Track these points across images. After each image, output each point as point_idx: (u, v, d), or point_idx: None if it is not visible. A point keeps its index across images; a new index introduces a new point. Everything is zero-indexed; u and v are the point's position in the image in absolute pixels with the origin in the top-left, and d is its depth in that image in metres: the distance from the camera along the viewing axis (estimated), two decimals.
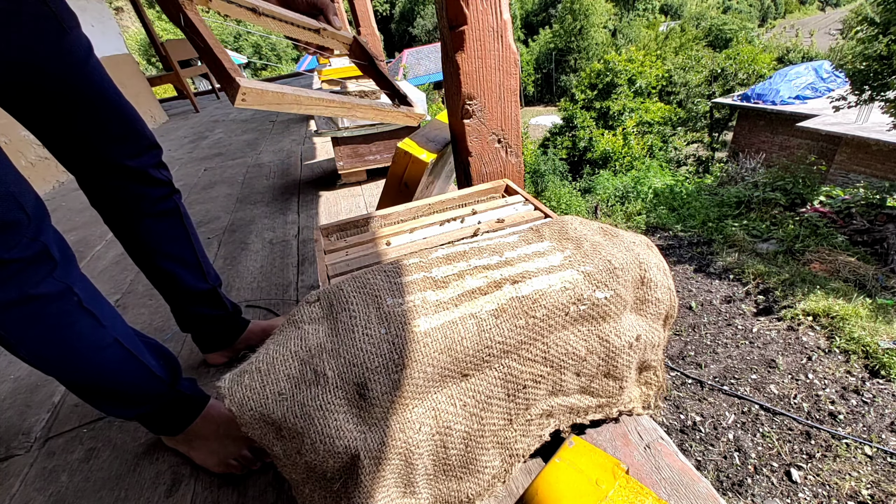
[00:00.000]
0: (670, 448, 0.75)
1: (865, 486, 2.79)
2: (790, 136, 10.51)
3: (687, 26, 19.62)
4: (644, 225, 7.66)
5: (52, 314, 0.64)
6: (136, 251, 0.94)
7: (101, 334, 0.69)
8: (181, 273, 0.98)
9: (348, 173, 2.15)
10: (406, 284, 0.61)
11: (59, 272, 0.64)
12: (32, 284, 0.61)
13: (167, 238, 0.95)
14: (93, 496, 0.87)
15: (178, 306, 1.03)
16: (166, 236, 0.94)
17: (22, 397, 1.15)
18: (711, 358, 4.09)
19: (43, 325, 0.63)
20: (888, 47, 6.41)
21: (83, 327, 0.67)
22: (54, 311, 0.64)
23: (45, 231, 0.63)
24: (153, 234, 0.92)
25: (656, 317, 0.71)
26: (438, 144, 1.10)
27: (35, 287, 0.61)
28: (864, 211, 5.91)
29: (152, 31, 5.01)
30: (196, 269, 1.00)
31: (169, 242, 0.95)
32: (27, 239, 0.60)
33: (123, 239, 0.93)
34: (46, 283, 0.62)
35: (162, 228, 0.93)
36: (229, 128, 3.97)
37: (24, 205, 0.60)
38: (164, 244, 0.94)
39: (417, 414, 0.56)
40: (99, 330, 0.69)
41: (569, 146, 13.44)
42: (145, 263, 0.96)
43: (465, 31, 0.91)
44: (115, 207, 0.88)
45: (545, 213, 0.88)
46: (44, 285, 0.62)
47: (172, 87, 4.90)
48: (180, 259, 0.97)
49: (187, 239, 0.98)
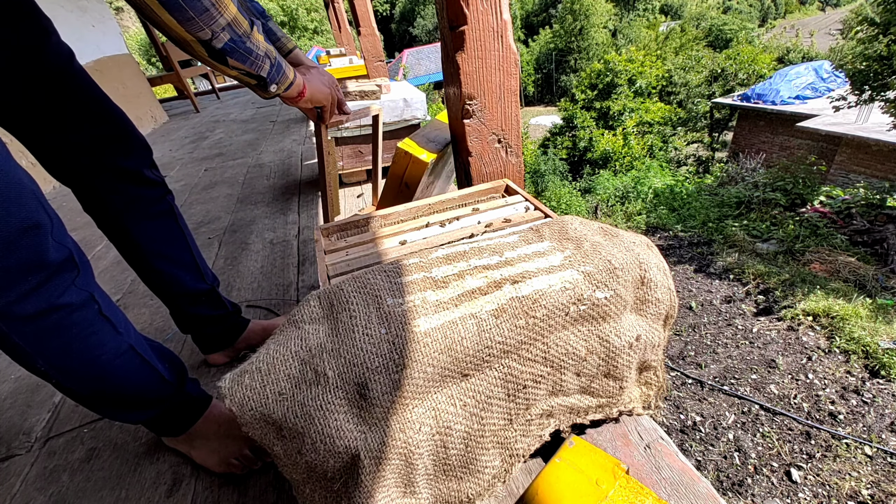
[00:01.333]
0: (670, 448, 0.75)
1: (865, 486, 2.79)
2: (790, 137, 10.50)
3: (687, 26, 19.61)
4: (644, 225, 7.66)
5: (76, 324, 0.61)
6: (132, 254, 0.93)
7: (118, 342, 0.68)
8: (179, 274, 0.97)
9: (348, 173, 2.15)
10: (406, 284, 0.61)
11: (80, 279, 0.62)
12: (58, 294, 0.58)
13: (163, 239, 0.94)
14: (93, 496, 0.87)
15: (176, 308, 1.03)
16: (162, 238, 0.94)
17: (23, 397, 1.15)
18: (711, 358, 4.09)
19: (66, 335, 0.60)
20: (888, 47, 6.41)
21: (103, 336, 0.65)
22: (78, 321, 0.61)
23: (66, 236, 0.61)
24: (149, 236, 0.91)
25: (656, 317, 0.71)
26: (438, 144, 1.10)
27: (60, 297, 0.58)
28: (864, 211, 5.91)
29: (152, 31, 5.01)
30: (193, 269, 1.00)
31: (165, 244, 0.94)
32: (55, 242, 0.57)
33: (119, 242, 0.92)
34: (70, 292, 0.60)
35: (158, 230, 0.93)
36: (230, 128, 3.97)
37: (44, 205, 0.57)
38: (161, 246, 0.94)
39: (418, 414, 0.56)
40: (116, 337, 0.68)
41: (569, 146, 13.44)
42: (142, 266, 0.95)
43: (465, 32, 0.91)
44: (111, 211, 0.87)
45: (545, 213, 0.88)
46: (68, 294, 0.59)
47: (173, 88, 4.90)
48: (177, 260, 0.96)
49: (183, 240, 0.98)
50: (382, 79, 2.53)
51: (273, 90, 0.74)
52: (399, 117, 2.03)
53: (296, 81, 0.78)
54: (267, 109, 4.57)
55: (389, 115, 2.01)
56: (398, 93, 2.10)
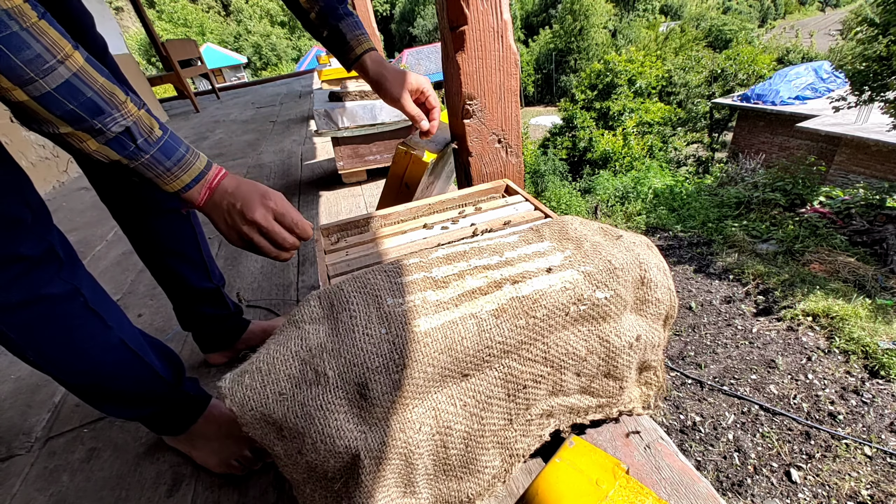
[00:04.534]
0: (670, 448, 0.75)
1: (865, 486, 2.79)
2: (790, 137, 10.51)
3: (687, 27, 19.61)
4: (644, 225, 7.67)
5: (60, 315, 0.63)
6: (144, 248, 0.95)
7: (107, 336, 0.69)
8: (186, 272, 0.98)
9: (348, 173, 2.15)
10: (406, 284, 0.61)
11: (65, 272, 0.63)
12: (40, 285, 0.60)
13: (175, 236, 0.95)
14: (94, 496, 0.87)
15: (181, 305, 1.04)
16: (174, 234, 0.95)
17: (23, 397, 1.15)
18: (711, 358, 4.09)
19: (50, 326, 0.62)
20: (888, 48, 6.41)
21: (90, 329, 0.67)
22: (61, 313, 0.63)
23: (51, 230, 0.63)
24: (161, 232, 0.93)
25: (656, 317, 0.71)
26: (439, 144, 1.10)
27: (42, 288, 0.60)
28: (864, 211, 5.91)
29: (152, 31, 5.00)
30: (201, 268, 1.01)
31: (176, 240, 0.95)
32: (34, 237, 0.59)
33: (132, 235, 0.93)
34: (53, 284, 0.61)
35: (170, 226, 0.94)
36: (230, 128, 3.97)
37: (29, 201, 0.59)
38: (172, 242, 0.95)
39: (418, 414, 0.56)
40: (105, 331, 0.68)
41: (569, 146, 13.44)
42: (151, 260, 0.96)
43: (465, 32, 0.92)
44: (127, 203, 0.88)
45: (545, 213, 0.88)
46: (51, 286, 0.61)
47: (173, 87, 4.89)
48: (186, 258, 0.97)
49: (194, 238, 0.99)
50: None
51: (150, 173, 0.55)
52: (399, 117, 2.03)
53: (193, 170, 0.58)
54: (267, 110, 4.57)
55: (389, 115, 2.01)
56: None
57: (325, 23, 0.80)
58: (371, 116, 1.98)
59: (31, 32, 0.44)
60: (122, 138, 0.52)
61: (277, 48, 29.97)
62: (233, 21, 32.27)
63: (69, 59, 0.47)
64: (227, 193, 0.62)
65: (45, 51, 0.45)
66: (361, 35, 0.81)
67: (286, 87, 6.04)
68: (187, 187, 0.59)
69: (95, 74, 0.49)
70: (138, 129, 0.53)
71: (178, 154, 0.57)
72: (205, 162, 0.61)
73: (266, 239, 0.64)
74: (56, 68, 0.46)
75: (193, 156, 0.59)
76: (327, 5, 0.78)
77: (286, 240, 0.65)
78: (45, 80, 0.46)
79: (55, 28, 0.47)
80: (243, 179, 0.65)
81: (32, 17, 0.45)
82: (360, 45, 0.81)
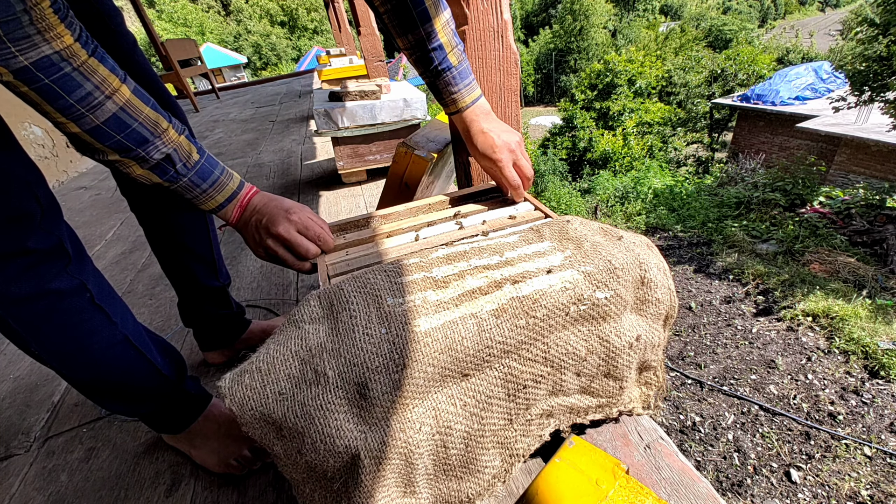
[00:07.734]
0: (670, 448, 0.75)
1: (865, 486, 2.79)
2: (790, 137, 10.52)
3: (687, 27, 19.62)
4: (644, 225, 7.67)
5: (66, 310, 0.63)
6: (158, 241, 0.96)
7: (111, 332, 0.69)
8: (196, 268, 0.99)
9: (348, 173, 2.15)
10: (406, 284, 0.61)
11: (72, 267, 0.64)
12: (48, 279, 0.60)
13: (190, 233, 0.96)
14: (92, 496, 0.87)
15: (186, 301, 1.04)
16: (190, 231, 0.96)
17: (21, 397, 1.15)
18: (711, 358, 4.09)
19: (56, 320, 0.63)
20: (888, 48, 6.42)
21: (95, 324, 0.67)
22: (68, 307, 0.63)
23: (60, 225, 0.63)
24: (178, 227, 0.94)
25: (656, 317, 0.71)
26: (438, 144, 1.10)
27: (50, 282, 0.60)
28: (864, 212, 5.91)
29: (152, 31, 5.00)
30: (211, 266, 1.02)
31: (190, 237, 0.96)
32: (43, 231, 0.59)
33: (148, 227, 0.94)
34: (61, 279, 0.62)
35: (187, 223, 0.95)
36: (229, 128, 3.97)
37: (38, 196, 0.59)
38: (187, 238, 0.96)
39: (418, 414, 0.56)
40: (110, 327, 0.69)
41: (569, 146, 13.45)
42: (164, 254, 0.97)
43: (465, 32, 0.91)
44: (147, 197, 0.89)
45: (545, 213, 0.88)
46: (58, 280, 0.61)
47: (172, 87, 4.89)
48: (198, 255, 0.98)
49: (207, 236, 1.00)
50: (382, 79, 2.53)
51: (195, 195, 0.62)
52: (399, 117, 2.03)
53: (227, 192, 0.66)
54: (266, 109, 4.57)
55: (389, 115, 2.01)
56: (398, 93, 2.10)
57: (426, 73, 0.80)
58: (371, 116, 1.98)
59: (82, 72, 0.49)
60: (164, 164, 0.58)
61: (277, 48, 29.96)
62: (233, 21, 32.26)
63: (117, 94, 0.52)
64: (255, 211, 0.68)
65: (95, 88, 0.50)
66: (457, 94, 0.80)
67: (286, 86, 6.04)
68: (221, 206, 0.65)
69: (141, 105, 0.54)
70: (178, 155, 0.58)
71: (214, 176, 0.63)
72: (238, 182, 0.67)
73: (289, 252, 0.70)
74: (104, 104, 0.51)
75: (227, 177, 0.65)
76: (423, 56, 0.77)
77: (309, 251, 0.71)
78: (95, 115, 0.50)
79: (105, 64, 0.51)
80: (272, 196, 0.71)
81: (83, 55, 0.49)
82: (454, 104, 0.82)
